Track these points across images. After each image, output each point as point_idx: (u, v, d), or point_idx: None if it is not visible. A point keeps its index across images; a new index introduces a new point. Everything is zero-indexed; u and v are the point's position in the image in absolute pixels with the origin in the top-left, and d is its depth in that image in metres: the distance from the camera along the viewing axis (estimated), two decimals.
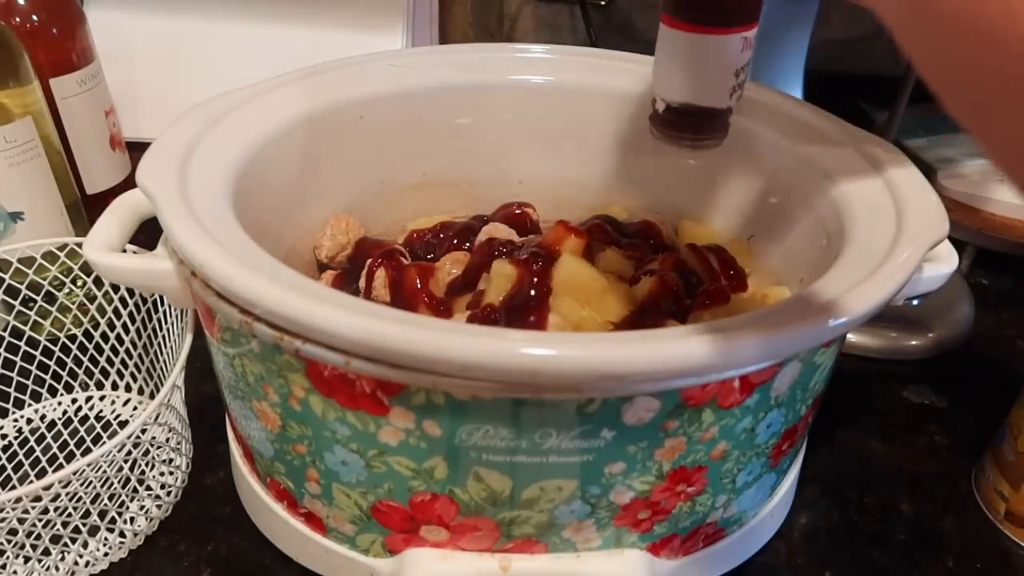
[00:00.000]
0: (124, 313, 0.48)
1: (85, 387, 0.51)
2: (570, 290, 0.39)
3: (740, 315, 0.29)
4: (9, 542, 0.36)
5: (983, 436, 0.47)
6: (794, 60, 0.70)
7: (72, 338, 0.50)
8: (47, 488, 0.33)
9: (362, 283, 0.43)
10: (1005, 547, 0.43)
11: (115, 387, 0.51)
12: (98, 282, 0.48)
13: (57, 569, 0.39)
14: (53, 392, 0.50)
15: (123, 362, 0.50)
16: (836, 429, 0.50)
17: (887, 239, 0.33)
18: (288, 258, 0.44)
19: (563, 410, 0.29)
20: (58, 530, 0.37)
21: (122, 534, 0.41)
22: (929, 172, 0.63)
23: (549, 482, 0.31)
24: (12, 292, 0.48)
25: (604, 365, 0.26)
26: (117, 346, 0.49)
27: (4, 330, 0.48)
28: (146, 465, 0.43)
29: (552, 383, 0.27)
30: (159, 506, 0.42)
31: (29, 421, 0.49)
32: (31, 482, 0.39)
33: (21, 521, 0.34)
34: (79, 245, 0.46)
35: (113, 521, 0.40)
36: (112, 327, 0.49)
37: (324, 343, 0.28)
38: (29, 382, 0.49)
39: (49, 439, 0.47)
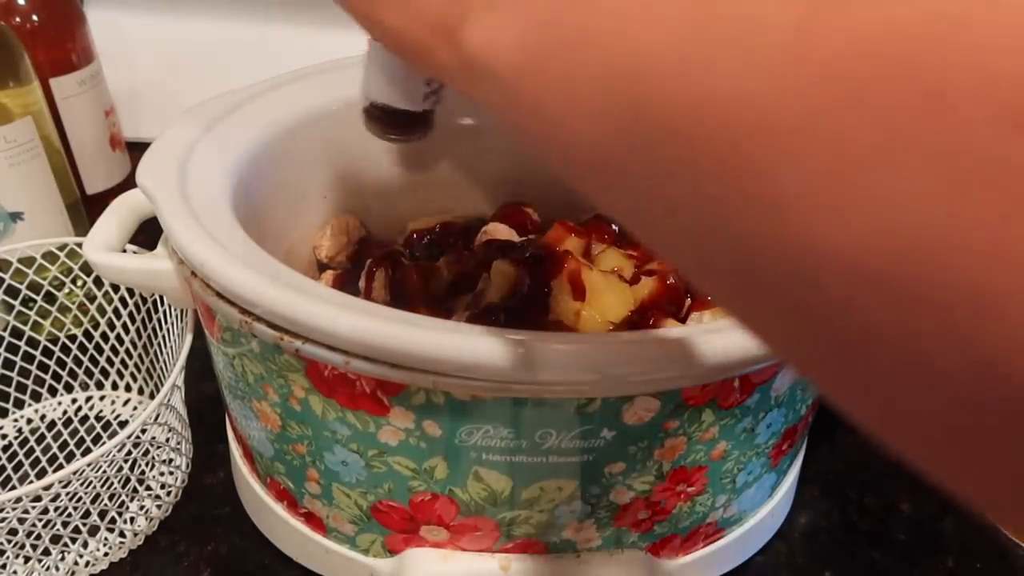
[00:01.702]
0: (124, 313, 0.48)
1: (85, 387, 0.51)
2: (570, 290, 0.39)
3: None
4: (9, 542, 0.36)
5: None
6: None
7: (72, 338, 0.50)
8: (47, 488, 0.33)
9: (362, 283, 0.43)
10: (1005, 547, 0.43)
11: (115, 387, 0.51)
12: (98, 282, 0.48)
13: (57, 569, 0.39)
14: (53, 392, 0.50)
15: (123, 362, 0.50)
16: (836, 429, 0.50)
17: None
18: (288, 258, 0.44)
19: (563, 410, 0.29)
20: (58, 530, 0.37)
21: (122, 534, 0.41)
22: None
23: (549, 482, 0.31)
24: (12, 292, 0.48)
25: (604, 365, 0.26)
26: (117, 346, 0.49)
27: (4, 330, 0.48)
28: (146, 465, 0.43)
29: (552, 383, 0.27)
30: (159, 506, 0.42)
31: (29, 421, 0.49)
32: (31, 482, 0.39)
33: (21, 521, 0.34)
34: (79, 245, 0.45)
35: (113, 521, 0.40)
36: (112, 327, 0.49)
37: (324, 343, 0.28)
38: (29, 382, 0.49)
39: (49, 439, 0.47)
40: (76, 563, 0.39)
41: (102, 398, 0.50)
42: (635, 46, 0.13)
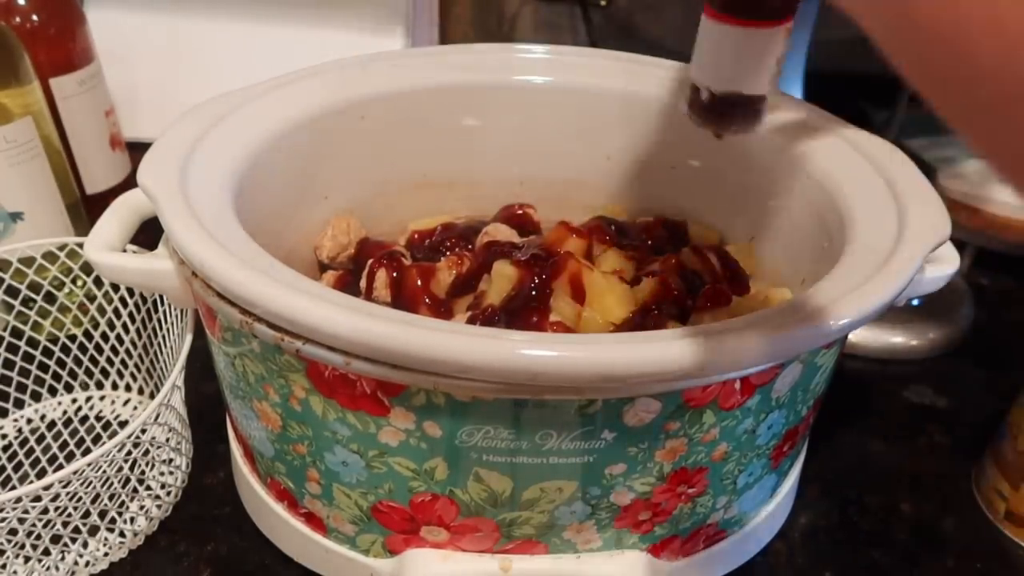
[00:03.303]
0: (124, 313, 0.48)
1: (85, 387, 0.51)
2: (571, 291, 0.39)
3: (742, 317, 0.29)
4: (9, 542, 0.36)
5: (983, 436, 0.47)
6: (794, 60, 0.70)
7: (72, 338, 0.50)
8: (47, 488, 0.33)
9: (363, 284, 0.43)
10: (1005, 547, 0.43)
11: (115, 387, 0.51)
12: (98, 282, 0.48)
13: (57, 569, 0.39)
14: (53, 392, 0.50)
15: (123, 362, 0.50)
16: (836, 429, 0.50)
17: (889, 240, 0.33)
18: (289, 259, 0.44)
19: (564, 411, 0.29)
20: (58, 530, 0.37)
21: (122, 534, 0.41)
22: (929, 172, 0.63)
23: (550, 483, 0.31)
24: (12, 292, 0.48)
25: (605, 366, 0.26)
26: (117, 346, 0.49)
27: (4, 330, 0.48)
28: (146, 465, 0.43)
29: (553, 384, 0.27)
30: (159, 506, 0.42)
31: (29, 421, 0.48)
32: (31, 482, 0.39)
33: (21, 521, 0.34)
34: (79, 245, 0.45)
35: (113, 521, 0.40)
36: (112, 327, 0.49)
37: (325, 344, 0.28)
38: (29, 382, 0.49)
39: (49, 439, 0.47)
40: (76, 563, 0.39)
41: (102, 398, 0.50)
42: None
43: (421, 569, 0.34)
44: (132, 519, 0.41)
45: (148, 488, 0.43)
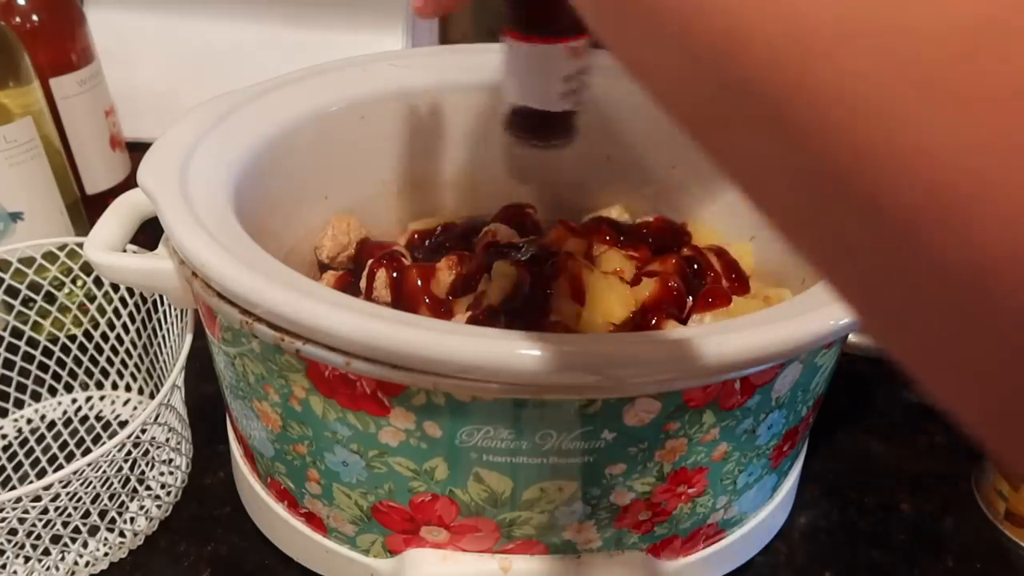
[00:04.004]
0: (124, 313, 0.48)
1: (85, 387, 0.51)
2: (570, 291, 0.39)
3: (742, 317, 0.29)
4: (9, 542, 0.36)
5: None
6: None
7: (72, 338, 0.50)
8: (47, 488, 0.33)
9: (363, 284, 0.43)
10: (1005, 547, 0.43)
11: (115, 387, 0.51)
12: (98, 282, 0.48)
13: (57, 569, 0.39)
14: (53, 392, 0.50)
15: (123, 362, 0.50)
16: (836, 429, 0.50)
17: None
18: (289, 259, 0.44)
19: (564, 411, 0.29)
20: (58, 530, 0.37)
21: (122, 534, 0.41)
22: None
23: (550, 483, 0.31)
24: (12, 292, 0.48)
25: (605, 366, 0.26)
26: (117, 346, 0.49)
27: (4, 330, 0.48)
28: (146, 465, 0.43)
29: (553, 384, 0.27)
30: (159, 506, 0.42)
31: (29, 421, 0.48)
32: (31, 482, 0.39)
33: (21, 521, 0.34)
34: (79, 245, 0.45)
35: (113, 521, 0.40)
36: (112, 327, 0.49)
37: (325, 344, 0.28)
38: (29, 382, 0.49)
39: (49, 439, 0.47)
40: (76, 563, 0.39)
41: (102, 398, 0.50)
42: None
43: (421, 569, 0.34)
44: (132, 519, 0.41)
45: (148, 488, 0.43)
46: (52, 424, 0.48)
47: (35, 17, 0.56)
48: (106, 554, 0.40)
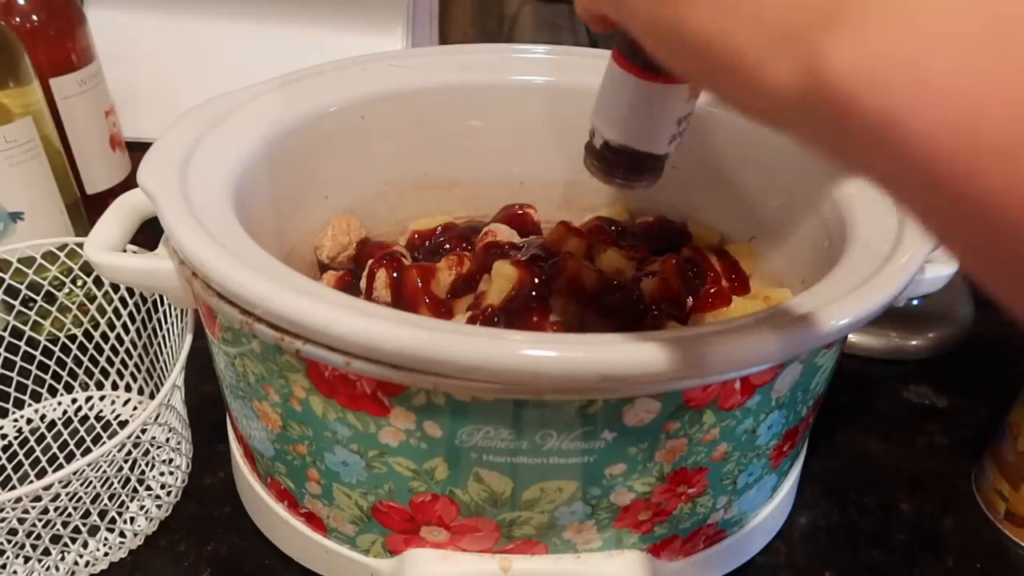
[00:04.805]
0: (124, 313, 0.48)
1: (85, 387, 0.51)
2: (571, 291, 0.39)
3: (742, 317, 0.29)
4: (9, 542, 0.36)
5: (983, 436, 0.47)
6: None
7: (72, 338, 0.50)
8: (47, 488, 0.33)
9: (363, 284, 0.43)
10: (1005, 547, 0.43)
11: (115, 387, 0.51)
12: (98, 282, 0.48)
13: (57, 569, 0.39)
14: (53, 392, 0.50)
15: (123, 362, 0.50)
16: (836, 429, 0.50)
17: (889, 240, 0.33)
18: (289, 259, 0.44)
19: (564, 411, 0.29)
20: (58, 530, 0.37)
21: (122, 534, 0.41)
22: None
23: (550, 483, 0.31)
24: (12, 292, 0.48)
25: (605, 366, 0.26)
26: (117, 346, 0.49)
27: (4, 330, 0.48)
28: (146, 465, 0.43)
29: (553, 384, 0.27)
30: (159, 506, 0.42)
31: (29, 421, 0.48)
32: (31, 482, 0.39)
33: (21, 521, 0.34)
34: (79, 245, 0.45)
35: (113, 521, 0.40)
36: (112, 327, 0.49)
37: (325, 344, 0.28)
38: (29, 382, 0.49)
39: (49, 439, 0.47)
40: (76, 563, 0.39)
41: (102, 398, 0.50)
42: None
43: (421, 569, 0.34)
44: (132, 519, 0.41)
45: (148, 488, 0.43)
46: (52, 424, 0.48)
47: (35, 17, 0.56)
48: (106, 554, 0.40)
